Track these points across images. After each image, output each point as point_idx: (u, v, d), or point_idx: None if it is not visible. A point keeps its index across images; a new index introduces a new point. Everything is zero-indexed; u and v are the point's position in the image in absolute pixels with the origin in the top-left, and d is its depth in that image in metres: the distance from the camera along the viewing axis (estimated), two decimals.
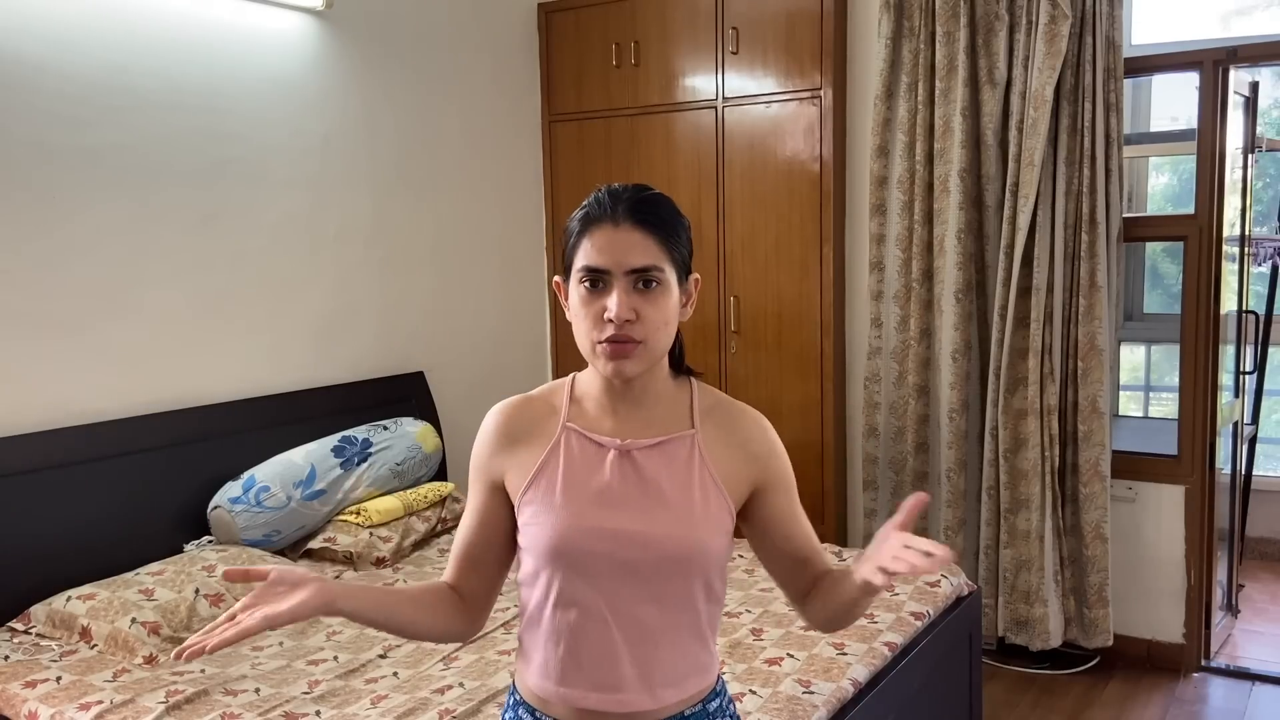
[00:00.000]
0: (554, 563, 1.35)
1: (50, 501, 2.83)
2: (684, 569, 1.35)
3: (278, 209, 3.49)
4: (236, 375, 3.37)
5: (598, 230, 1.32)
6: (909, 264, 3.82)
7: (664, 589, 1.35)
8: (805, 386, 4.00)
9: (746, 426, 1.43)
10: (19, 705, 2.30)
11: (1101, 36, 3.44)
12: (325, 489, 3.22)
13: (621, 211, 1.32)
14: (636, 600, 1.34)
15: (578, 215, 1.36)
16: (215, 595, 2.72)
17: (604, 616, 1.34)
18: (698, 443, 1.40)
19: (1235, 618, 4.23)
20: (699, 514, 1.36)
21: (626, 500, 1.35)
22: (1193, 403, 3.64)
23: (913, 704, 2.55)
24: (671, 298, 1.34)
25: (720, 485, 1.38)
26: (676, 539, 1.34)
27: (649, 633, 1.35)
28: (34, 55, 2.84)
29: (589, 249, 1.32)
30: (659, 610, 1.35)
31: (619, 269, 1.30)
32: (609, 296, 1.30)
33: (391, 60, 3.85)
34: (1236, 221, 3.90)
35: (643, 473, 1.37)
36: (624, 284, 1.30)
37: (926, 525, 3.92)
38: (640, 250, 1.31)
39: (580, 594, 1.34)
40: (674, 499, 1.36)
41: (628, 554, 1.33)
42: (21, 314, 2.84)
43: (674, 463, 1.38)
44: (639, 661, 1.35)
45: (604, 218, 1.33)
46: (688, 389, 1.44)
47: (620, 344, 1.31)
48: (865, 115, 3.91)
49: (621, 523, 1.34)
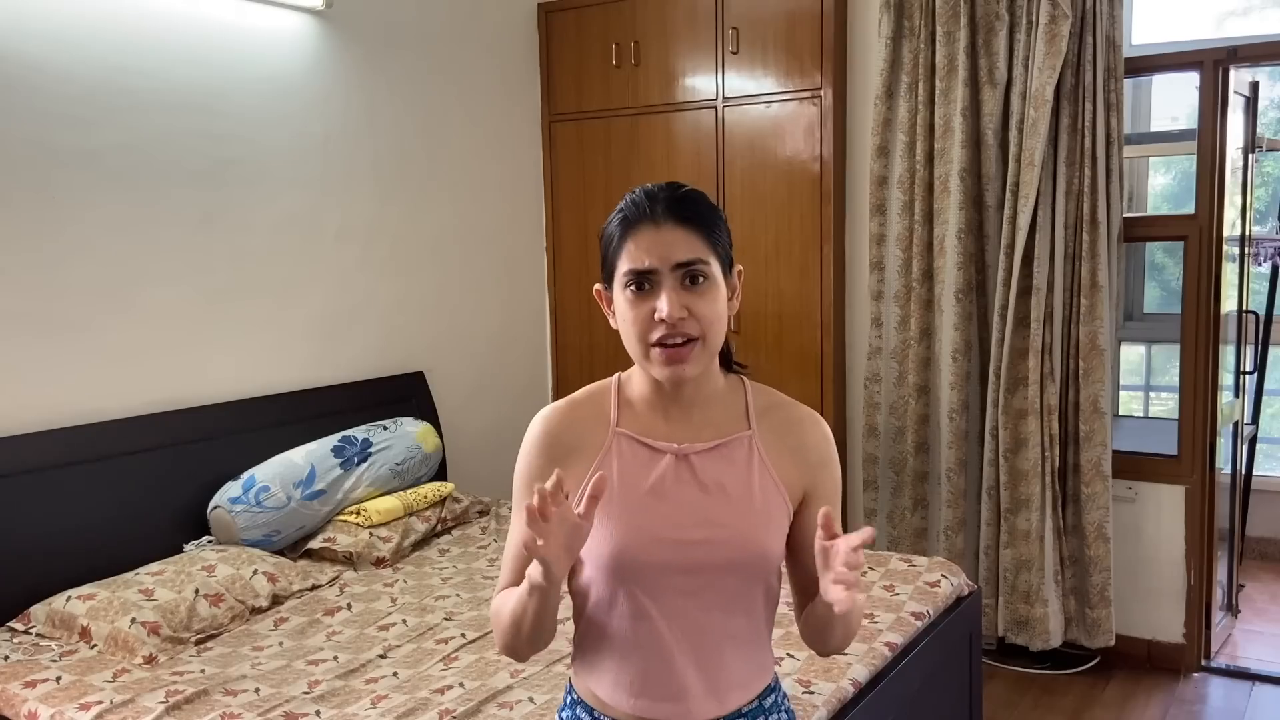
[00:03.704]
0: (614, 574, 1.31)
1: (50, 501, 2.82)
2: (747, 574, 1.33)
3: (278, 209, 3.49)
4: (236, 375, 3.37)
5: (639, 232, 1.29)
6: (909, 264, 3.82)
7: (727, 595, 1.33)
8: (805, 386, 3.99)
9: (806, 431, 1.41)
10: (19, 705, 2.30)
11: (1101, 36, 3.44)
12: (325, 489, 3.22)
13: (661, 210, 1.29)
14: (700, 608, 1.32)
15: (615, 220, 1.33)
16: (215, 595, 2.72)
17: (668, 626, 1.31)
18: (756, 444, 1.37)
19: (1235, 618, 4.23)
20: (760, 517, 1.33)
21: (687, 507, 1.32)
22: (1193, 403, 3.64)
23: (913, 704, 2.55)
24: (721, 291, 1.31)
25: (780, 487, 1.36)
26: (739, 545, 1.31)
27: (714, 640, 1.33)
28: (34, 55, 2.84)
29: (632, 251, 1.29)
30: (724, 616, 1.33)
31: (665, 266, 1.28)
32: (658, 297, 1.28)
33: (391, 60, 3.85)
34: (1236, 221, 3.90)
35: (701, 477, 1.33)
36: (672, 282, 1.28)
37: (927, 527, 3.92)
38: (685, 246, 1.28)
39: (642, 604, 1.31)
40: (736, 503, 1.33)
41: (691, 562, 1.30)
42: (21, 314, 2.84)
43: (733, 466, 1.35)
44: (705, 669, 1.33)
45: (643, 218, 1.30)
46: (740, 388, 1.41)
47: (676, 347, 1.28)
48: (865, 115, 3.91)
49: (684, 531, 1.31)
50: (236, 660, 2.51)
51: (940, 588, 2.84)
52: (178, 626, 2.60)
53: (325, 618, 2.77)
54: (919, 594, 2.79)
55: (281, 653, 2.56)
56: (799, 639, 2.52)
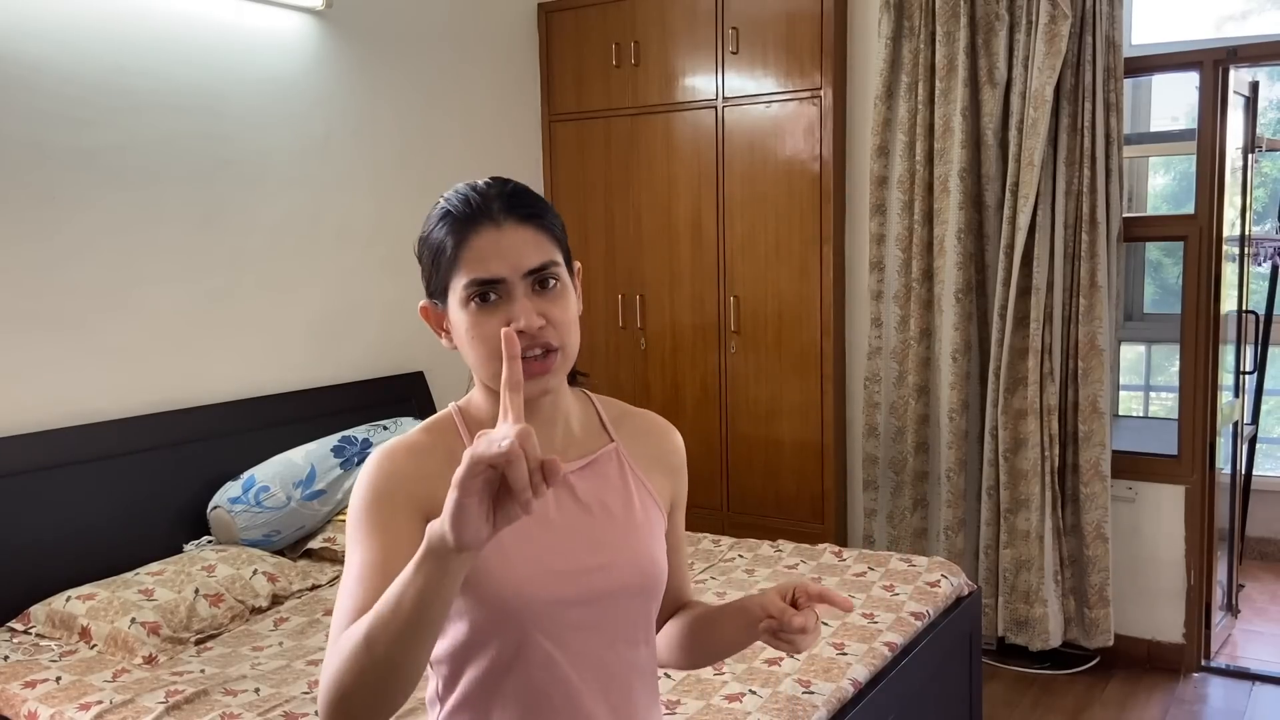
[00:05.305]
0: (514, 619, 1.13)
1: (50, 501, 2.82)
2: (645, 596, 1.22)
3: (278, 209, 3.49)
4: (236, 375, 3.37)
5: (477, 235, 1.12)
6: (909, 264, 3.82)
7: (629, 624, 1.21)
8: (805, 386, 4.00)
9: (665, 437, 1.32)
10: (19, 705, 2.30)
11: (1101, 36, 3.44)
12: (325, 489, 3.22)
13: (499, 209, 1.13)
14: (605, 644, 1.19)
15: (440, 225, 1.14)
16: (215, 595, 2.72)
17: (576, 671, 1.16)
18: (623, 455, 1.26)
19: (1235, 618, 4.23)
20: (645, 533, 1.23)
21: (575, 533, 1.18)
22: (1193, 403, 3.64)
23: (913, 704, 2.55)
24: (572, 294, 1.17)
25: (655, 497, 1.26)
26: (634, 566, 1.20)
27: (623, 676, 1.21)
28: (34, 55, 2.84)
29: (472, 259, 1.11)
30: (628, 649, 1.21)
31: (515, 273, 1.12)
32: (509, 307, 1.11)
33: (391, 60, 3.85)
34: (1236, 221, 3.90)
35: (583, 498, 1.20)
36: (524, 289, 1.12)
37: (926, 527, 3.92)
38: (534, 248, 1.13)
39: (547, 650, 1.15)
40: (621, 522, 1.21)
41: (590, 592, 1.17)
42: (21, 314, 2.84)
43: (609, 482, 1.23)
44: (618, 712, 1.20)
45: (480, 219, 1.12)
46: (586, 399, 1.29)
47: (538, 359, 1.12)
48: (865, 115, 3.91)
49: (577, 559, 1.17)
50: (236, 660, 2.51)
51: (940, 588, 2.84)
52: (178, 626, 2.60)
53: (325, 618, 2.77)
54: (919, 594, 2.79)
55: (281, 653, 2.56)
56: None
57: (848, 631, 2.55)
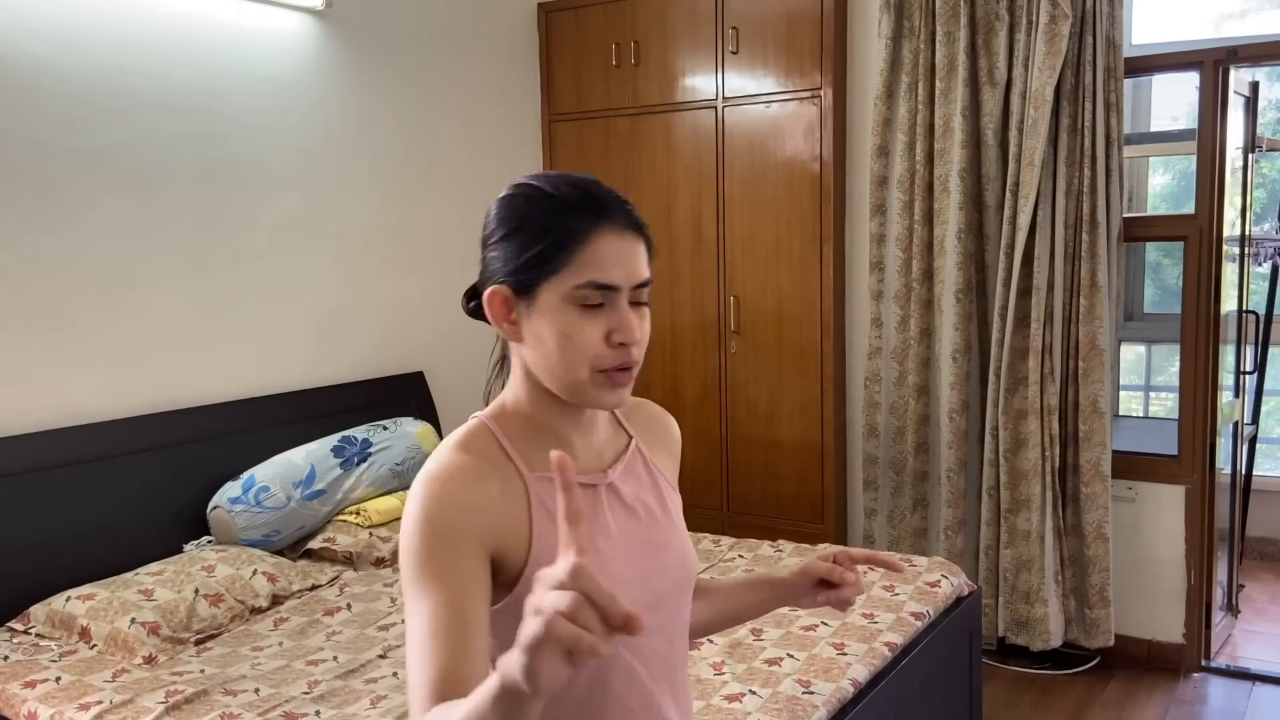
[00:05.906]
0: None
1: (50, 501, 2.82)
2: (688, 590, 1.24)
3: (278, 209, 3.49)
4: (236, 375, 3.37)
5: (601, 236, 1.07)
6: (909, 264, 3.82)
7: (680, 620, 1.23)
8: (805, 386, 4.00)
9: (669, 425, 1.32)
10: (18, 705, 2.30)
11: (1101, 36, 3.44)
12: (325, 489, 3.22)
13: (622, 214, 1.09)
14: (665, 643, 1.19)
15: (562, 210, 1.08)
16: (215, 595, 2.72)
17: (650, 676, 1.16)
18: (643, 450, 1.25)
19: (1235, 618, 4.23)
20: (680, 525, 1.25)
21: (634, 539, 1.18)
22: (1193, 403, 3.64)
23: (913, 704, 2.55)
24: None
25: (673, 488, 1.27)
26: (682, 560, 1.22)
27: (680, 673, 1.23)
28: (34, 55, 2.84)
29: (592, 259, 1.06)
30: (681, 644, 1.23)
31: (628, 283, 1.08)
32: (612, 316, 1.08)
33: (391, 60, 3.85)
34: (1236, 221, 3.90)
35: (628, 503, 1.19)
36: (626, 300, 1.09)
37: (926, 527, 3.92)
38: (643, 261, 1.11)
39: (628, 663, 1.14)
40: (661, 520, 1.22)
41: (655, 595, 1.17)
42: (21, 314, 2.84)
43: (641, 481, 1.22)
44: (681, 708, 1.22)
45: (605, 221, 1.08)
46: None
47: (626, 371, 1.10)
48: (865, 115, 3.91)
49: (641, 565, 1.17)
50: (236, 660, 2.51)
51: (940, 588, 2.84)
52: (177, 626, 2.60)
53: (325, 618, 2.77)
54: (919, 594, 2.79)
55: (281, 653, 2.56)
56: (799, 639, 2.53)
57: (848, 631, 2.55)
